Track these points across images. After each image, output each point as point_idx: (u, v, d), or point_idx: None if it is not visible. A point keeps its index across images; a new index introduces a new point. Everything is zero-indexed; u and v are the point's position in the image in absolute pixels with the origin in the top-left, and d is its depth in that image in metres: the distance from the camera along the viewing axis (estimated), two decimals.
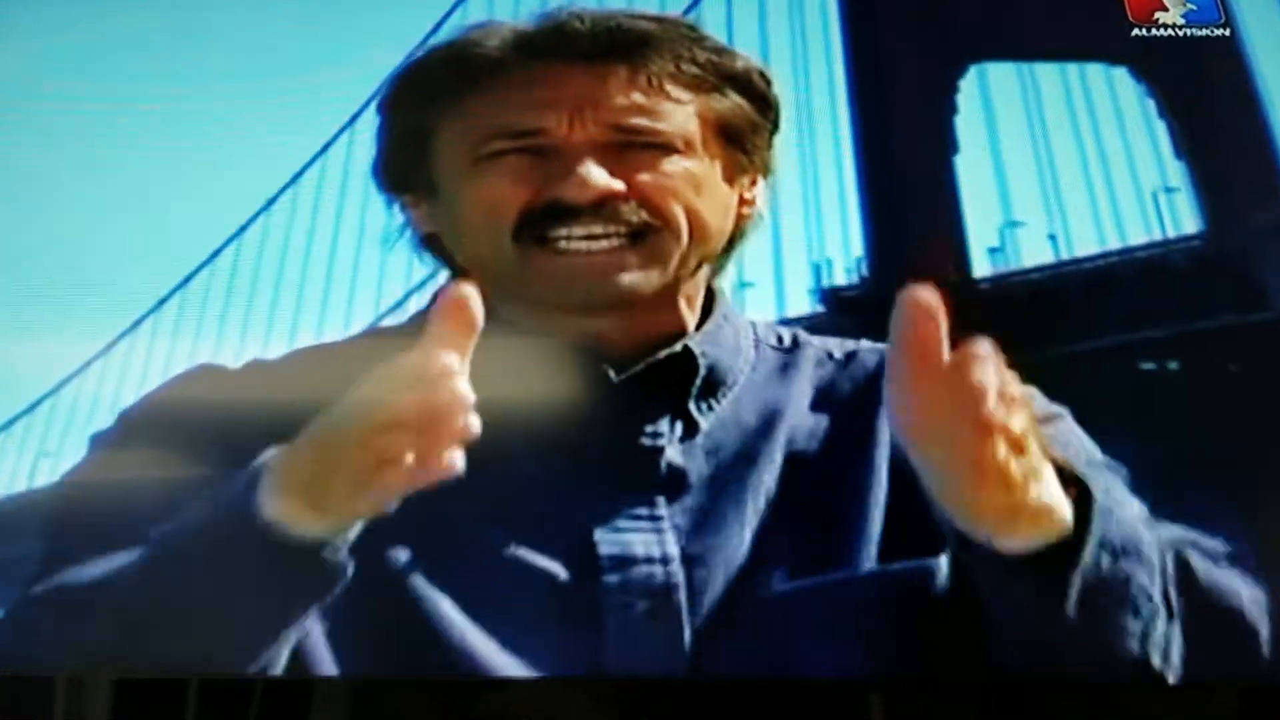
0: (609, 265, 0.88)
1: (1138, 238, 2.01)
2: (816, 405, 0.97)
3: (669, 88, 0.89)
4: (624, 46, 0.89)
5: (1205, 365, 1.86)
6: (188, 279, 1.70)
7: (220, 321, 1.68)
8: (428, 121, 0.92)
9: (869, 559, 0.91)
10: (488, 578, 0.86)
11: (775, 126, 0.98)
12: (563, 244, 0.87)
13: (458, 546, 0.86)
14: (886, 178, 1.95)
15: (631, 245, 0.88)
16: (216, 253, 1.70)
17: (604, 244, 0.89)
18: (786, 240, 1.09)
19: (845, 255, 1.78)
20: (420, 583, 0.85)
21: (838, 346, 1.00)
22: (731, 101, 0.92)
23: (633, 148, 0.88)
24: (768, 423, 0.94)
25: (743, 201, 0.96)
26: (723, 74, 0.92)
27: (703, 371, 0.92)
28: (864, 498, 0.92)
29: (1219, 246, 1.93)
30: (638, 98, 0.89)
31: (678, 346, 0.91)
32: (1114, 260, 2.04)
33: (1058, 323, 1.88)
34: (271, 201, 1.74)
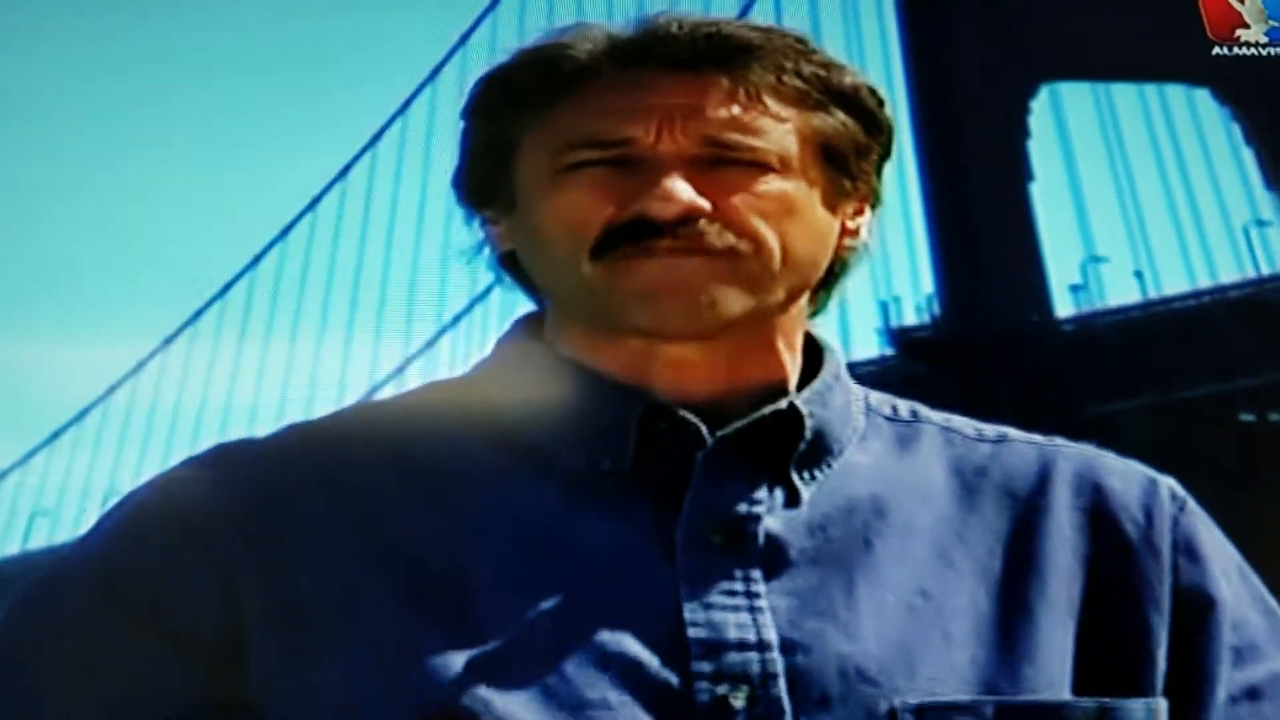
0: (693, 282, 0.76)
1: (1229, 275, 1.80)
2: (958, 494, 0.82)
3: (768, 101, 0.79)
4: (723, 55, 0.79)
5: None
6: (229, 285, 1.58)
7: (267, 329, 1.57)
8: (512, 130, 0.83)
9: (1027, 680, 0.77)
10: (565, 659, 0.72)
11: (886, 152, 0.83)
12: (644, 258, 0.72)
13: (529, 628, 0.72)
14: (957, 207, 1.75)
15: (715, 261, 0.73)
16: (259, 258, 1.58)
17: (689, 258, 0.74)
18: (850, 275, 0.94)
19: (915, 292, 1.60)
20: (489, 664, 0.72)
21: (971, 428, 0.85)
22: (836, 120, 0.80)
23: (724, 164, 0.78)
24: (887, 501, 0.82)
25: (844, 231, 0.84)
26: (829, 90, 0.80)
27: (809, 435, 0.78)
28: (1028, 610, 0.77)
29: None
30: (734, 110, 0.79)
31: (783, 404, 0.79)
32: (1205, 300, 1.82)
33: (1149, 368, 1.67)
34: (316, 202, 1.61)
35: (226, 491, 0.83)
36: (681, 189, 0.78)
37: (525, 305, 0.93)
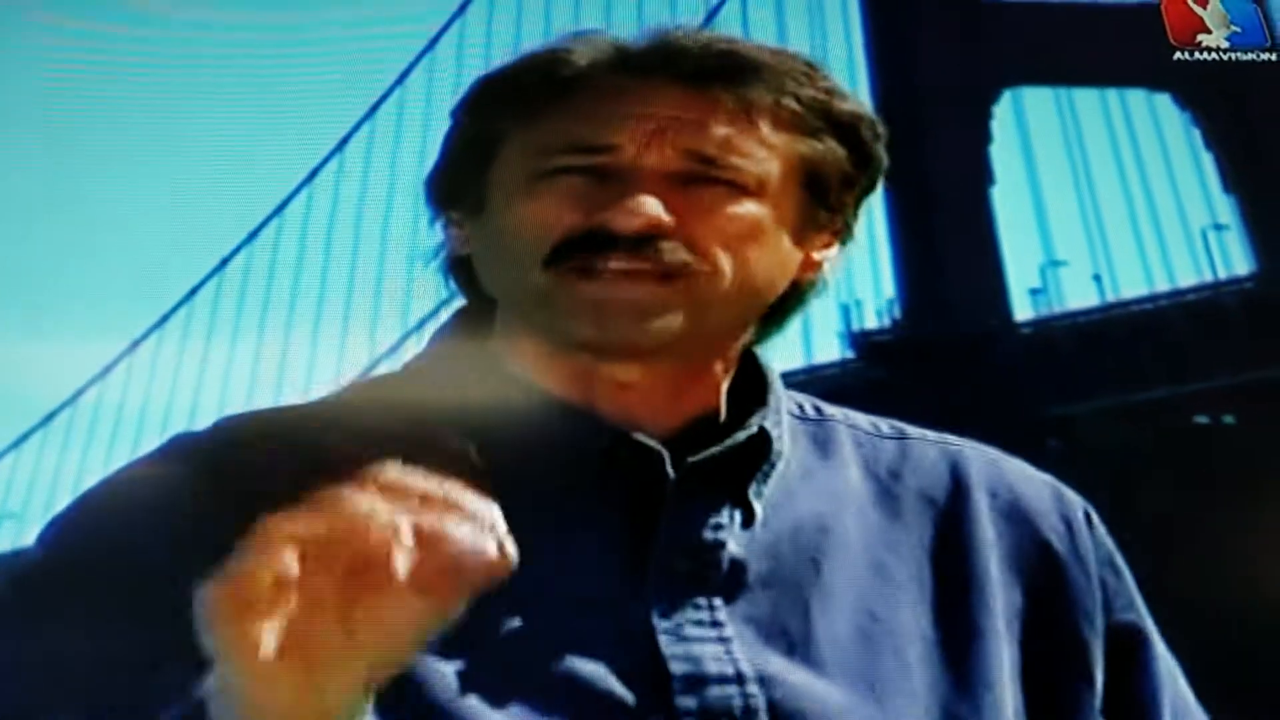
0: (640, 302, 0.77)
1: (1187, 279, 1.83)
2: (880, 500, 0.82)
3: (763, 123, 0.78)
4: (730, 72, 0.78)
5: (1263, 419, 1.67)
6: (196, 288, 1.57)
7: (234, 329, 1.57)
8: (497, 131, 0.81)
9: (989, 709, 0.78)
10: (539, 689, 0.72)
11: (871, 186, 0.83)
12: (595, 274, 0.72)
13: (503, 661, 0.72)
14: (919, 211, 1.77)
15: (667, 284, 0.74)
16: (226, 260, 1.58)
17: (635, 284, 0.74)
18: (804, 308, 0.94)
19: (876, 295, 1.61)
20: (463, 709, 0.71)
21: (868, 423, 0.85)
22: (826, 147, 0.80)
23: (701, 181, 0.78)
24: (825, 516, 0.82)
25: (808, 262, 0.82)
26: (828, 116, 0.80)
27: (773, 458, 0.78)
28: (975, 628, 0.78)
29: (1272, 289, 1.74)
30: (726, 128, 0.79)
31: (754, 428, 0.78)
32: (1163, 304, 1.85)
33: (1106, 372, 1.70)
34: (283, 205, 1.61)
35: (190, 482, 0.82)
36: (648, 204, 0.78)
37: None
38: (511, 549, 0.64)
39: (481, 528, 0.64)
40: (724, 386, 0.85)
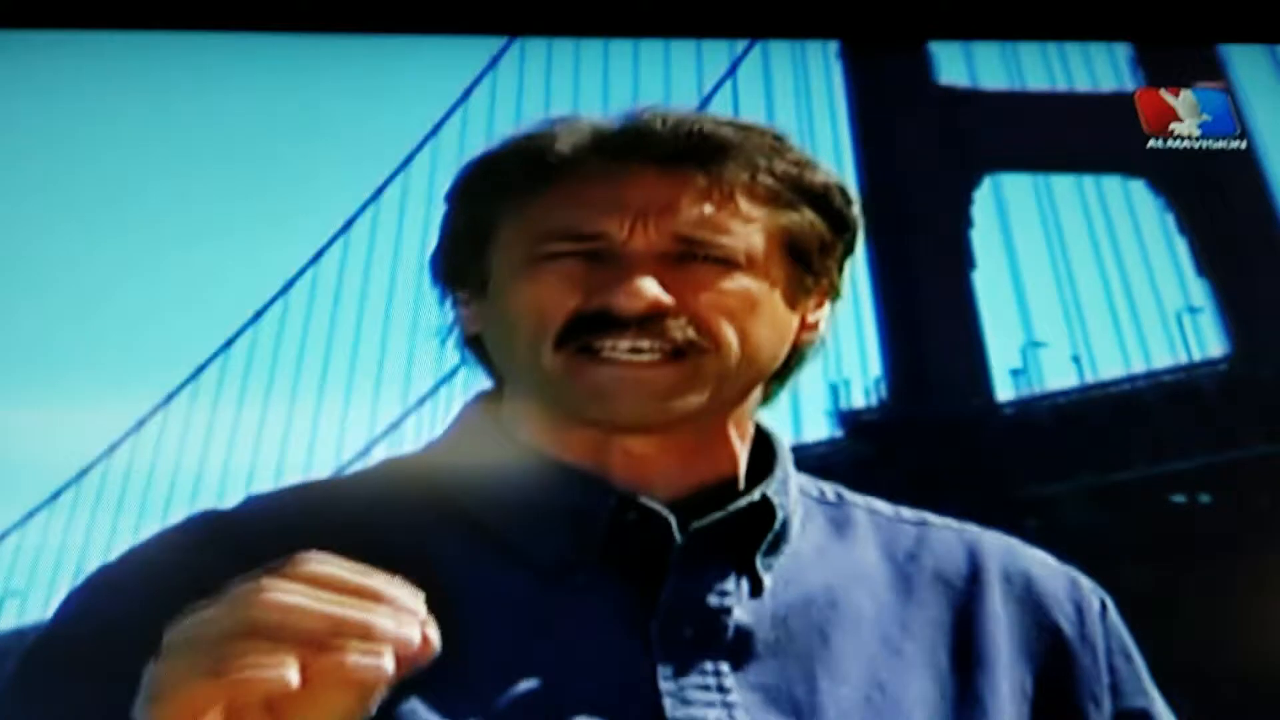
0: (652, 379, 0.81)
1: (1163, 360, 1.89)
2: (895, 581, 0.86)
3: (741, 200, 0.83)
4: (701, 152, 0.83)
5: (1239, 499, 1.73)
6: (200, 369, 1.60)
7: (236, 412, 1.59)
8: (492, 216, 0.86)
9: None
10: None
11: (850, 248, 0.89)
12: (606, 354, 0.78)
13: (509, 713, 0.76)
14: (904, 293, 1.82)
15: (675, 361, 0.79)
16: (230, 341, 1.60)
17: (647, 357, 0.79)
18: (805, 366, 0.99)
19: (863, 375, 1.66)
20: None
21: (890, 509, 0.90)
22: (804, 218, 0.85)
23: (693, 260, 0.82)
24: (837, 591, 0.84)
25: (804, 325, 0.88)
26: (800, 188, 0.85)
27: (777, 526, 0.82)
28: (981, 703, 0.81)
29: (1246, 371, 1.81)
30: (706, 208, 0.83)
31: (756, 495, 0.82)
32: (1140, 384, 1.91)
33: (1085, 452, 1.75)
34: (289, 286, 1.64)
35: (201, 557, 0.85)
36: (648, 286, 0.82)
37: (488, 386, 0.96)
38: (434, 636, 0.66)
39: (407, 616, 0.67)
40: (741, 455, 0.88)
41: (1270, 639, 1.50)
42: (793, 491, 0.89)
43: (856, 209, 0.91)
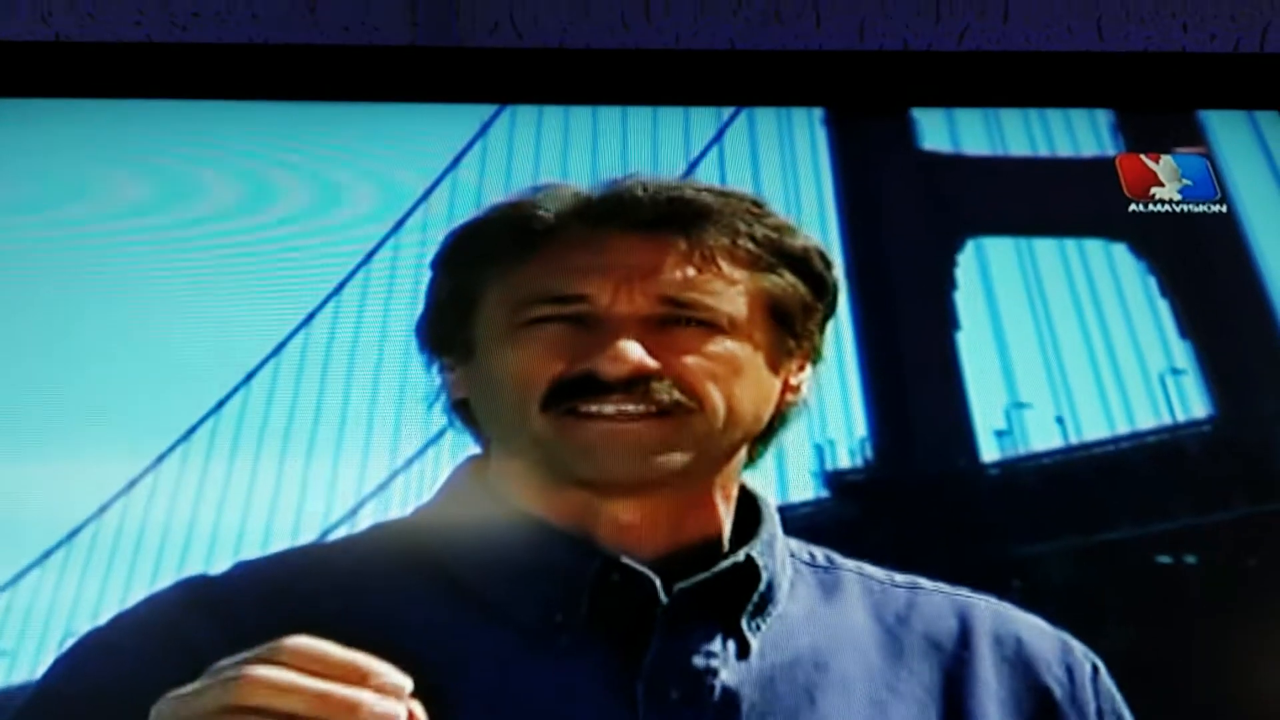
0: (639, 434, 0.82)
1: (1146, 421, 1.90)
2: (884, 644, 0.86)
3: (722, 263, 0.85)
4: (682, 218, 0.84)
5: (1224, 559, 1.74)
6: (191, 430, 1.61)
7: (227, 470, 1.60)
8: (476, 283, 0.87)
9: None
10: None
11: (830, 311, 0.91)
12: (592, 417, 0.79)
13: None
14: (889, 355, 1.84)
15: (662, 418, 0.80)
16: (222, 403, 1.62)
17: (634, 422, 0.81)
18: (788, 428, 1.00)
19: (849, 436, 1.67)
20: None
21: (882, 574, 0.91)
22: (785, 281, 0.86)
23: (676, 323, 0.83)
24: (825, 653, 0.85)
25: (787, 387, 0.89)
26: (781, 253, 0.87)
27: (762, 587, 0.83)
28: None
29: (1230, 432, 1.82)
30: (689, 272, 0.84)
31: (740, 556, 0.83)
32: (1124, 445, 1.93)
33: (1070, 512, 1.76)
34: (281, 348, 1.66)
35: (190, 621, 0.85)
36: (632, 350, 0.83)
37: (476, 448, 0.97)
38: (420, 713, 0.67)
39: (392, 693, 0.67)
40: (727, 518, 0.89)
41: (1259, 699, 1.50)
42: (780, 553, 0.90)
43: (836, 272, 0.93)
